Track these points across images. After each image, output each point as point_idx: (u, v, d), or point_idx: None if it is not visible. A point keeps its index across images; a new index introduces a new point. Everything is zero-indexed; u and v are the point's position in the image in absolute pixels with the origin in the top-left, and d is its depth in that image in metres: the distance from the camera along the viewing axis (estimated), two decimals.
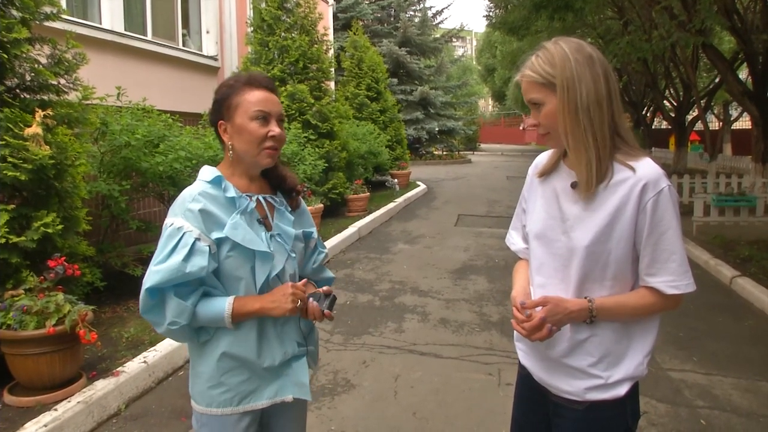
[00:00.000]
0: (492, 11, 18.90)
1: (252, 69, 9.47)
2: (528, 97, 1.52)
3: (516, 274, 1.78)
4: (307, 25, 9.89)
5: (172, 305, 1.54)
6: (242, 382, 1.67)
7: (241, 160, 1.67)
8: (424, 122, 25.51)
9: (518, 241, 1.80)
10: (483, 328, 4.89)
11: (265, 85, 1.67)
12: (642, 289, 1.53)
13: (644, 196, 1.45)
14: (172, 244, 1.55)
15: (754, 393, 3.67)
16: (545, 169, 1.64)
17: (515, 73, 1.57)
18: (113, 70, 6.92)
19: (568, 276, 1.54)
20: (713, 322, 5.02)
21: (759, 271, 6.16)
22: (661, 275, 1.50)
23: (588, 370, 1.55)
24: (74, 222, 4.22)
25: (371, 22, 26.41)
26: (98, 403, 3.32)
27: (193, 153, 5.72)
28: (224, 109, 1.65)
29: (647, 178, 1.46)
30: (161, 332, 1.60)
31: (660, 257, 1.49)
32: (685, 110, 18.14)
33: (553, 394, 1.63)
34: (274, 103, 1.66)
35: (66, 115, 4.26)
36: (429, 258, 7.45)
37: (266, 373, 1.69)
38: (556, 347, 1.57)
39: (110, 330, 4.45)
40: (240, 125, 1.62)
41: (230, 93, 1.65)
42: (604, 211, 1.48)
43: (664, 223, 1.47)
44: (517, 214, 1.81)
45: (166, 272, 1.52)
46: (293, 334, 1.74)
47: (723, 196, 8.65)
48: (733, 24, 9.96)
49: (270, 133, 1.62)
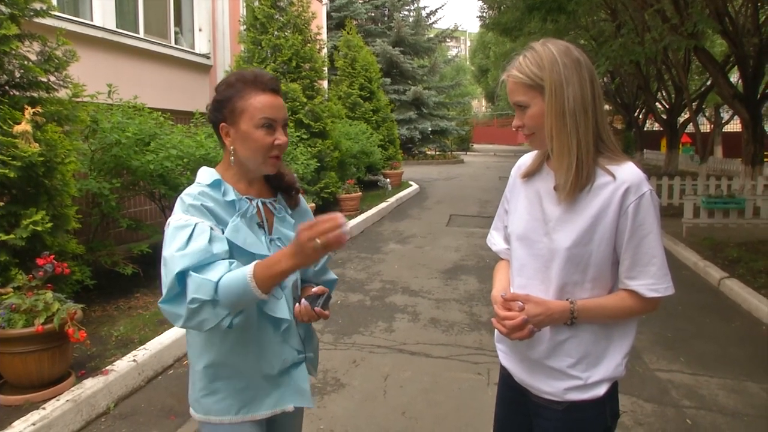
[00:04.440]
0: (485, 12, 18.93)
1: (244, 67, 9.47)
2: (514, 99, 1.52)
3: (496, 274, 1.79)
4: (300, 23, 9.89)
5: (193, 282, 1.38)
6: (240, 390, 1.62)
7: (243, 165, 1.60)
8: (417, 122, 25.55)
9: (499, 241, 1.80)
10: (473, 328, 4.90)
11: (271, 88, 1.58)
12: (621, 292, 1.54)
13: (626, 200, 1.46)
14: (185, 233, 1.44)
15: (739, 393, 3.70)
16: (529, 171, 1.65)
17: (502, 72, 1.57)
18: (104, 68, 6.89)
19: (548, 277, 1.54)
20: (701, 323, 5.05)
21: (747, 273, 6.21)
22: (641, 278, 1.50)
23: (567, 371, 1.55)
24: (64, 220, 4.21)
25: (365, 21, 26.41)
26: (87, 401, 3.31)
27: (184, 151, 5.71)
28: (227, 112, 1.57)
29: (629, 182, 1.46)
30: (183, 323, 1.41)
31: (640, 261, 1.49)
32: (676, 112, 18.27)
33: (534, 394, 1.64)
34: (280, 108, 1.59)
35: (56, 112, 4.24)
36: (420, 258, 7.47)
37: (265, 382, 1.64)
38: (536, 348, 1.58)
39: (100, 328, 4.43)
40: (245, 132, 1.54)
41: (234, 95, 1.56)
42: (586, 213, 1.48)
43: (645, 226, 1.47)
44: (499, 215, 1.80)
45: (195, 255, 1.40)
46: (292, 341, 1.67)
47: (713, 198, 8.70)
48: (724, 27, 10.03)
49: (276, 141, 1.56)
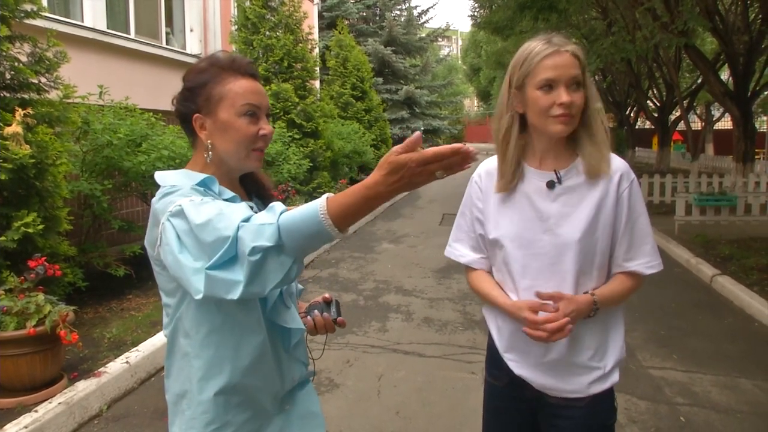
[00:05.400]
0: (477, 11, 18.95)
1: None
2: (572, 73, 1.47)
3: (482, 284, 1.68)
4: (291, 23, 9.88)
5: (248, 231, 1.06)
6: (247, 421, 1.35)
7: (223, 162, 1.36)
8: (410, 121, 25.54)
9: (467, 252, 1.71)
10: (466, 327, 4.91)
11: (251, 73, 1.38)
12: (619, 276, 1.60)
13: (621, 187, 1.55)
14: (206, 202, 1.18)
15: (732, 389, 3.72)
16: (510, 180, 1.59)
17: (548, 45, 1.49)
18: (95, 69, 6.85)
19: (561, 272, 1.55)
20: (694, 320, 5.08)
21: (739, 270, 6.24)
22: (638, 258, 1.58)
23: (589, 364, 1.60)
24: (55, 222, 4.18)
25: (356, 21, 26.37)
26: (79, 404, 3.30)
27: (176, 152, 5.68)
28: (201, 100, 1.34)
29: (621, 171, 1.56)
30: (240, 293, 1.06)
31: (636, 242, 1.58)
32: (668, 110, 18.36)
33: (552, 396, 1.62)
34: (262, 94, 1.38)
35: (47, 113, 4.22)
36: (413, 257, 7.47)
37: (270, 408, 1.40)
38: (554, 348, 1.57)
39: (92, 330, 4.41)
40: (225, 121, 1.32)
41: (209, 81, 1.35)
42: (587, 204, 1.54)
43: (638, 210, 1.57)
44: (459, 226, 1.73)
45: (241, 210, 1.13)
46: (301, 355, 1.47)
47: (704, 195, 8.75)
48: (714, 25, 10.09)
49: (261, 131, 1.35)
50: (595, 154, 1.53)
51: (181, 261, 1.13)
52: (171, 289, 1.31)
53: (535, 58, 1.48)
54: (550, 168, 1.58)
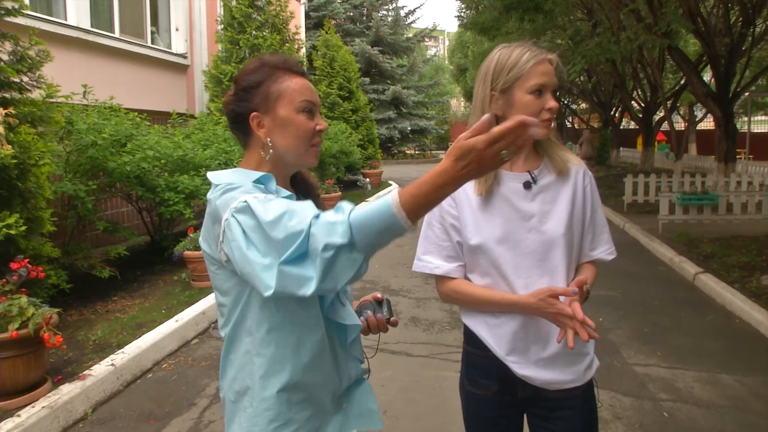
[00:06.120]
0: (463, 12, 19.03)
1: (222, 68, 9.40)
2: (556, 81, 1.57)
3: (476, 289, 1.65)
4: (278, 23, 9.84)
5: (319, 227, 1.06)
6: (307, 420, 1.36)
7: (281, 159, 1.38)
8: (396, 121, 25.61)
9: (441, 262, 1.67)
10: (453, 326, 4.93)
11: (303, 72, 1.42)
12: (586, 264, 1.70)
13: (584, 182, 1.66)
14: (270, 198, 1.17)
15: (713, 385, 3.78)
16: (489, 183, 1.61)
17: (538, 52, 1.55)
18: (79, 68, 6.80)
19: (552, 267, 1.59)
20: (677, 318, 5.14)
21: (721, 268, 6.32)
22: (600, 246, 1.70)
23: (583, 350, 1.66)
24: (38, 223, 4.15)
25: (343, 21, 26.38)
26: (64, 407, 3.27)
27: (161, 152, 5.66)
28: (258, 99, 1.36)
29: (581, 166, 1.68)
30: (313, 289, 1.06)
31: (597, 231, 1.70)
32: (652, 111, 18.53)
33: (552, 391, 1.64)
34: (315, 92, 1.42)
35: (29, 113, 4.18)
36: (400, 257, 7.48)
37: (330, 405, 1.42)
38: (551, 340, 1.60)
39: (77, 333, 4.38)
40: (285, 118, 1.35)
41: (264, 79, 1.37)
42: (563, 199, 1.62)
43: (597, 201, 1.69)
44: (428, 237, 1.69)
45: (310, 206, 1.13)
46: (356, 352, 1.49)
47: (687, 194, 8.85)
48: (697, 27, 10.21)
49: (318, 127, 1.38)
50: (561, 153, 1.64)
51: (249, 257, 1.12)
52: (227, 288, 1.31)
53: (528, 63, 1.53)
54: (521, 170, 1.63)
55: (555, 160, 1.63)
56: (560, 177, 1.63)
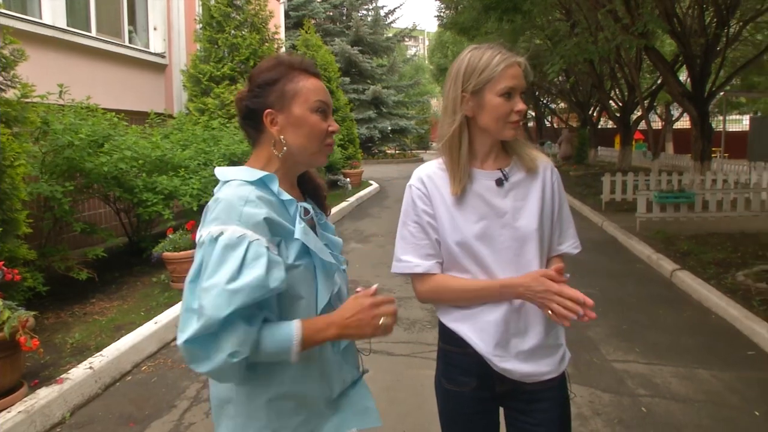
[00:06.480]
0: (443, 12, 19.10)
1: (201, 67, 9.33)
2: (524, 84, 1.60)
3: (460, 282, 1.65)
4: (257, 22, 9.79)
5: (238, 331, 1.18)
6: (300, 425, 1.37)
7: (292, 158, 1.41)
8: (377, 121, 25.60)
9: (420, 261, 1.67)
10: (434, 324, 4.94)
11: (317, 74, 1.45)
12: (553, 259, 1.73)
13: (552, 178, 1.70)
14: (236, 255, 1.20)
15: (690, 380, 3.84)
16: (463, 182, 1.63)
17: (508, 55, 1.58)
18: (55, 68, 6.71)
19: (525, 262, 1.62)
20: (655, 314, 5.21)
21: (697, 265, 6.42)
22: (567, 241, 1.74)
23: (556, 342, 1.70)
24: (14, 225, 4.09)
25: (323, 20, 26.32)
26: (41, 412, 3.22)
27: (139, 153, 5.60)
28: (273, 96, 1.38)
29: (548, 163, 1.72)
30: (208, 369, 1.18)
31: (564, 226, 1.74)
32: (629, 110, 18.76)
33: (530, 384, 1.65)
34: (329, 93, 1.46)
35: (3, 113, 4.12)
36: (381, 257, 7.48)
37: (325, 409, 1.42)
38: (531, 334, 1.63)
39: (54, 336, 4.31)
40: (299, 117, 1.38)
41: (280, 78, 1.39)
42: (533, 196, 1.66)
43: (563, 197, 1.73)
44: (404, 238, 1.70)
45: (250, 290, 1.18)
46: (351, 358, 1.50)
47: (664, 193, 8.97)
48: (673, 28, 10.37)
49: (330, 128, 1.42)
50: (529, 152, 1.69)
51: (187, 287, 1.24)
52: None
53: (499, 66, 1.55)
54: (492, 168, 1.66)
55: (523, 158, 1.67)
56: (529, 174, 1.67)
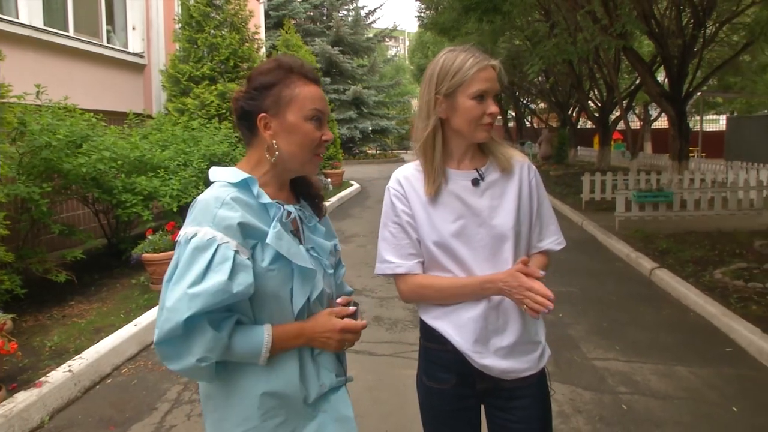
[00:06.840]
0: (423, 12, 19.15)
1: (180, 67, 9.25)
2: (497, 87, 1.61)
3: (440, 279, 1.68)
4: (237, 22, 9.75)
5: (206, 337, 1.23)
6: (279, 425, 1.38)
7: (283, 164, 1.41)
8: (357, 121, 25.59)
9: (402, 261, 1.69)
10: (416, 324, 4.92)
11: (317, 80, 1.43)
12: (535, 255, 1.74)
13: (530, 176, 1.71)
14: (204, 258, 1.23)
15: (669, 377, 3.89)
16: (438, 183, 1.65)
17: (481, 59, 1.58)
18: (32, 68, 6.61)
19: (501, 260, 1.63)
20: (634, 312, 5.27)
21: (675, 263, 6.51)
22: (548, 237, 1.75)
23: (534, 339, 1.71)
24: None
25: (303, 20, 26.24)
26: (19, 416, 3.17)
27: (118, 153, 5.55)
28: (269, 101, 1.37)
29: (525, 161, 1.73)
30: (179, 369, 1.25)
31: (545, 223, 1.75)
32: (608, 110, 18.98)
33: (508, 381, 1.67)
34: (326, 101, 1.45)
35: None
36: (363, 257, 7.48)
37: (302, 411, 1.41)
38: (510, 330, 1.65)
39: (32, 339, 4.25)
40: (293, 124, 1.37)
41: (278, 82, 1.38)
42: (510, 194, 1.67)
43: (542, 194, 1.74)
44: (385, 239, 1.71)
45: (210, 295, 1.21)
46: (329, 364, 1.48)
47: (643, 192, 9.08)
48: (651, 29, 10.50)
49: (324, 137, 1.41)
50: (504, 151, 1.70)
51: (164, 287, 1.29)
52: None
53: (471, 69, 1.56)
54: (468, 168, 1.68)
55: (499, 158, 1.68)
56: (505, 173, 1.68)
